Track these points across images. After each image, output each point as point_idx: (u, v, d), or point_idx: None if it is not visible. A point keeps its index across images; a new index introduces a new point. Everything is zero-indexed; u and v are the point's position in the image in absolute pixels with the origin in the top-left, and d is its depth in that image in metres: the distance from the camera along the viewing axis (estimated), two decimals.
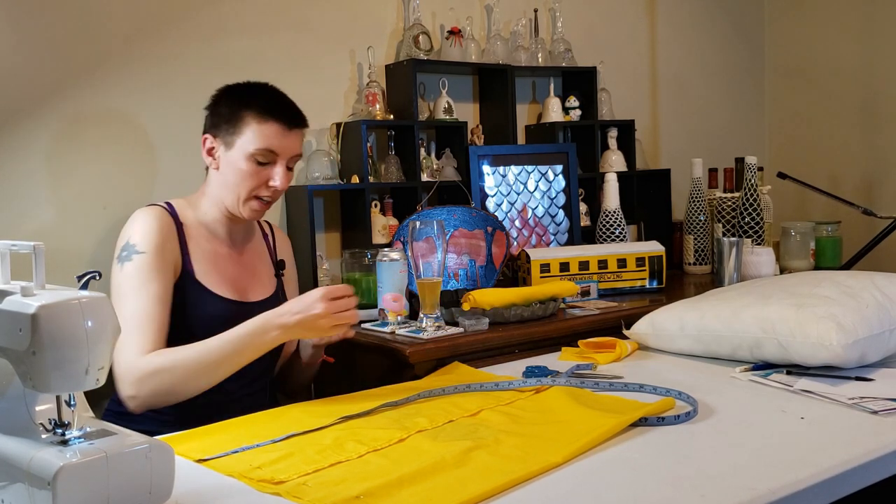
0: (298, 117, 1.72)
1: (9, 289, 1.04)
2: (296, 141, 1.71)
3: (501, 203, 2.67)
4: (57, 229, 2.06)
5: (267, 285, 1.82)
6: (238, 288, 1.75)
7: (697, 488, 1.06)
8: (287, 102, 1.71)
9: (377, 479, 1.10)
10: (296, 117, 1.71)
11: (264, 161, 1.68)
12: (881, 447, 1.18)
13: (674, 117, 3.38)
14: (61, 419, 1.03)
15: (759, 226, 2.73)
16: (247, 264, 1.80)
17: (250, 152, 1.66)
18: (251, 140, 1.66)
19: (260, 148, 1.66)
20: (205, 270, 1.70)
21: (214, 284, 1.70)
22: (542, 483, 1.09)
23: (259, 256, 1.85)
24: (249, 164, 1.67)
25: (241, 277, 1.77)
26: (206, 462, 1.22)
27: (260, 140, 1.66)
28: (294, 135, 1.70)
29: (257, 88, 1.73)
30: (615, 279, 2.44)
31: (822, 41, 3.46)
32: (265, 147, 1.66)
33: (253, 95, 1.70)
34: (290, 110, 1.70)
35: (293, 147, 1.71)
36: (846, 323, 1.50)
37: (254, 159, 1.67)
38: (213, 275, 1.71)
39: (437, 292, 1.89)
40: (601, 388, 1.50)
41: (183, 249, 1.69)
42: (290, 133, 1.69)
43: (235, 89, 1.73)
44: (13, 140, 2.02)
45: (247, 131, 1.66)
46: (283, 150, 1.69)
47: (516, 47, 2.78)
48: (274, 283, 1.85)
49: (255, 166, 1.67)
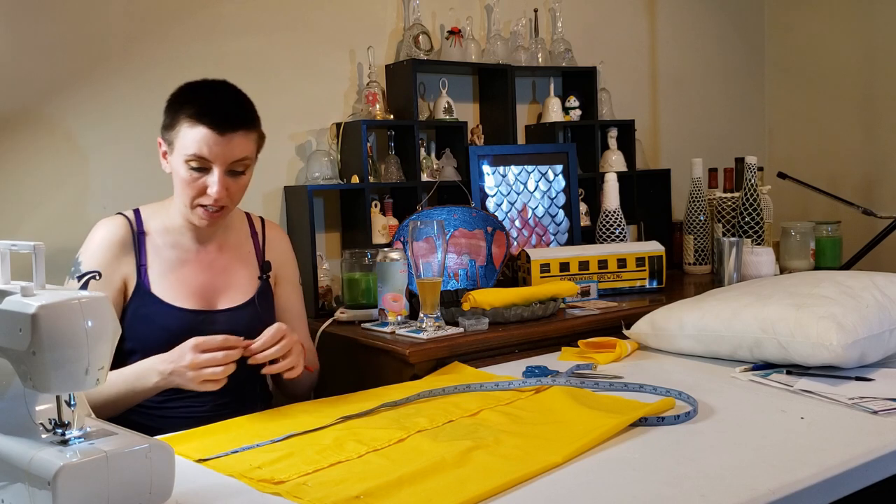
0: (234, 120, 1.56)
1: (9, 289, 1.04)
2: (233, 146, 1.56)
3: (501, 203, 2.67)
4: (57, 229, 2.06)
5: (244, 290, 1.72)
6: (205, 296, 1.67)
7: (697, 488, 1.06)
8: (222, 104, 1.57)
9: (377, 479, 1.10)
10: (230, 120, 1.55)
11: (198, 167, 1.57)
12: (881, 447, 1.19)
13: (674, 117, 3.38)
14: (61, 419, 1.03)
15: (759, 226, 2.73)
16: (220, 269, 1.71)
17: (183, 158, 1.56)
18: (183, 145, 1.56)
19: (190, 154, 1.55)
20: (163, 281, 1.64)
21: (173, 295, 1.63)
22: (542, 483, 1.09)
23: (240, 258, 1.75)
24: (186, 170, 1.57)
25: (211, 284, 1.69)
26: (206, 462, 1.22)
27: (190, 145, 1.55)
28: (229, 140, 1.55)
29: (197, 89, 1.60)
30: (615, 279, 2.44)
31: (822, 41, 3.46)
32: (195, 153, 1.55)
33: (189, 97, 1.58)
34: (224, 113, 1.56)
35: (229, 153, 1.56)
36: (846, 323, 1.50)
37: (188, 166, 1.57)
38: (174, 285, 1.64)
39: (437, 292, 1.89)
40: (601, 388, 1.50)
41: (139, 261, 1.64)
42: (224, 138, 1.55)
43: (179, 90, 1.62)
44: (13, 140, 2.02)
45: (181, 136, 1.56)
46: (216, 157, 1.55)
47: (516, 47, 2.78)
48: (255, 286, 1.74)
49: (192, 173, 1.57)
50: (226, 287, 1.70)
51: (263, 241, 1.80)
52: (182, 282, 1.65)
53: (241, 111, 1.60)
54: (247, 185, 1.65)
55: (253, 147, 1.62)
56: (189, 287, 1.66)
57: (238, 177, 1.61)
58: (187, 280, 1.66)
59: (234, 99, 1.61)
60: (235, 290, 1.71)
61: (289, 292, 1.82)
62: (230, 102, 1.59)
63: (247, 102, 1.63)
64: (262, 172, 2.37)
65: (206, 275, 1.69)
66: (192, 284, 1.66)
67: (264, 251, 1.79)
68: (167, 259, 1.66)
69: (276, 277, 1.80)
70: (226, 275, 1.71)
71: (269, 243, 1.81)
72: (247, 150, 1.60)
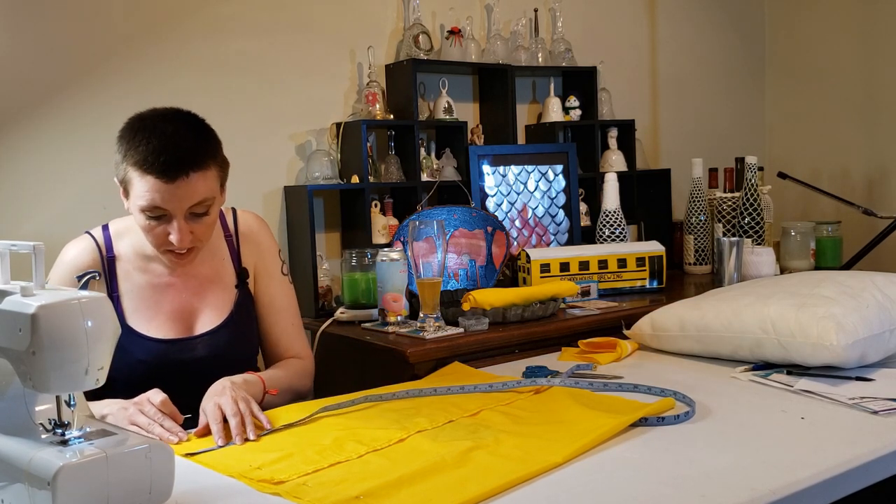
0: (184, 164, 1.43)
1: (9, 289, 1.04)
2: (188, 191, 1.44)
3: (501, 203, 2.67)
4: (57, 229, 2.06)
5: (221, 308, 1.62)
6: (181, 321, 1.59)
7: (697, 488, 1.06)
8: (168, 148, 1.42)
9: (377, 479, 1.10)
10: (180, 166, 1.43)
11: (155, 216, 1.47)
12: (881, 447, 1.18)
13: (674, 117, 3.38)
14: (61, 419, 1.03)
15: (759, 226, 2.73)
16: (195, 289, 1.62)
17: (139, 208, 1.46)
18: (136, 195, 1.45)
19: (143, 205, 1.45)
20: (135, 309, 1.56)
21: (147, 325, 1.56)
22: (542, 483, 1.09)
23: (216, 272, 1.65)
24: (144, 219, 1.48)
25: (186, 307, 1.60)
26: (192, 457, 1.23)
27: (141, 196, 1.44)
28: (181, 185, 1.43)
29: (142, 130, 1.46)
30: (615, 279, 2.44)
31: (822, 41, 3.46)
32: (148, 204, 1.44)
33: (133, 142, 1.45)
34: (171, 158, 1.42)
35: (185, 199, 1.45)
36: (846, 323, 1.50)
37: (145, 215, 1.47)
38: (147, 313, 1.56)
39: (437, 292, 1.89)
40: (595, 389, 1.50)
41: (111, 290, 1.56)
42: (175, 185, 1.42)
43: (124, 131, 1.49)
44: (13, 140, 2.02)
45: (132, 184, 1.46)
46: (170, 205, 1.44)
47: (516, 47, 2.77)
48: (233, 299, 1.64)
49: (150, 222, 1.47)
50: (202, 307, 1.62)
51: (237, 240, 1.69)
52: (156, 309, 1.57)
53: (191, 151, 1.45)
54: (214, 223, 1.55)
55: (212, 185, 1.49)
56: (164, 314, 1.58)
57: (202, 217, 1.50)
58: (161, 307, 1.58)
59: (184, 137, 1.46)
60: (212, 308, 1.62)
61: (269, 286, 1.71)
62: (178, 144, 1.44)
63: (200, 137, 1.49)
64: (262, 172, 2.38)
65: (181, 297, 1.60)
66: (166, 311, 1.58)
67: (240, 252, 1.69)
68: (139, 285, 1.58)
69: (255, 274, 1.70)
70: (201, 294, 1.62)
71: (244, 240, 1.70)
72: (205, 192, 1.47)
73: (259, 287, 1.71)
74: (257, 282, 1.71)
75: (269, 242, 1.74)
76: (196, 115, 1.54)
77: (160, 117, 1.49)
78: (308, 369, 1.73)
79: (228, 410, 1.33)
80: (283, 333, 1.72)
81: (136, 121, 1.50)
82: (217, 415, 1.33)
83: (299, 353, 1.73)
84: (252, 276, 1.70)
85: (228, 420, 1.32)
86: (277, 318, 1.71)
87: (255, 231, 1.72)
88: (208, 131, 1.53)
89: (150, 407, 1.34)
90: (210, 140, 1.52)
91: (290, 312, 1.74)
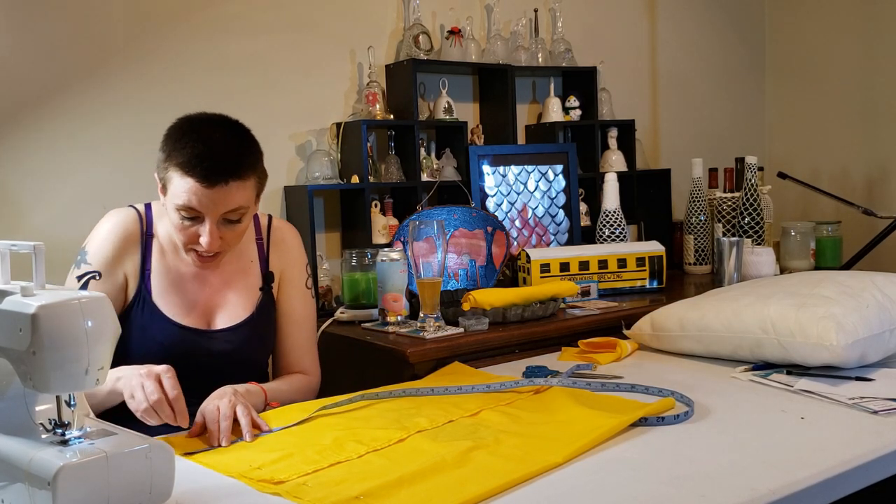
0: (225, 171, 1.46)
1: (9, 289, 1.04)
2: (225, 198, 1.48)
3: (501, 203, 2.67)
4: (57, 229, 2.06)
5: (243, 306, 1.64)
6: (203, 313, 1.61)
7: (697, 488, 1.06)
8: (213, 154, 1.46)
9: (377, 479, 1.10)
10: (221, 172, 1.46)
11: (189, 217, 1.50)
12: (881, 447, 1.18)
13: (674, 117, 3.38)
14: (61, 419, 1.03)
15: (759, 226, 2.73)
16: (220, 284, 1.64)
17: (174, 206, 1.50)
18: (174, 193, 1.49)
19: (179, 204, 1.48)
20: (164, 291, 1.59)
21: (172, 308, 1.58)
22: (542, 483, 1.09)
23: (242, 271, 1.67)
24: (177, 218, 1.51)
25: (210, 301, 1.63)
26: (192, 456, 1.23)
27: (179, 195, 1.47)
28: (220, 191, 1.46)
29: (190, 133, 1.49)
30: (615, 279, 2.44)
31: (822, 41, 3.46)
32: (184, 204, 1.48)
33: (180, 143, 1.48)
34: (215, 164, 1.46)
35: (221, 205, 1.48)
36: (846, 323, 1.50)
37: (180, 214, 1.50)
38: (173, 297, 1.59)
39: (437, 292, 1.89)
40: (594, 389, 1.50)
41: (144, 265, 1.59)
42: (213, 190, 1.46)
43: (172, 131, 1.53)
44: (13, 140, 2.02)
45: (172, 183, 1.49)
46: (206, 209, 1.48)
47: (516, 47, 2.78)
48: (256, 300, 1.66)
49: (183, 221, 1.50)
50: (224, 303, 1.64)
51: (268, 245, 1.71)
52: (182, 296, 1.60)
53: (234, 161, 1.48)
54: (244, 231, 1.58)
55: (249, 194, 1.53)
56: (188, 303, 1.60)
57: (233, 224, 1.53)
58: (187, 295, 1.61)
59: (229, 146, 1.49)
60: (234, 305, 1.64)
61: (291, 296, 1.72)
62: (223, 151, 1.48)
63: (243, 147, 1.53)
64: None
65: (206, 291, 1.63)
66: (191, 300, 1.61)
67: (268, 257, 1.70)
68: (169, 268, 1.61)
69: (279, 280, 1.72)
70: (225, 290, 1.65)
71: (274, 247, 1.71)
72: (241, 200, 1.50)
73: (281, 295, 1.72)
74: (280, 289, 1.72)
75: (298, 253, 1.75)
76: (243, 125, 1.57)
77: (208, 122, 1.53)
78: (312, 386, 1.73)
79: (223, 413, 1.33)
80: (296, 346, 1.72)
81: (184, 122, 1.53)
82: (216, 416, 1.34)
83: (307, 368, 1.73)
84: (277, 282, 1.71)
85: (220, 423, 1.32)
86: (292, 329, 1.72)
87: (287, 239, 1.74)
88: (253, 143, 1.56)
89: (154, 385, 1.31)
90: (254, 152, 1.55)
91: (306, 326, 1.74)
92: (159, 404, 1.28)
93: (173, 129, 1.53)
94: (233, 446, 1.28)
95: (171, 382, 1.31)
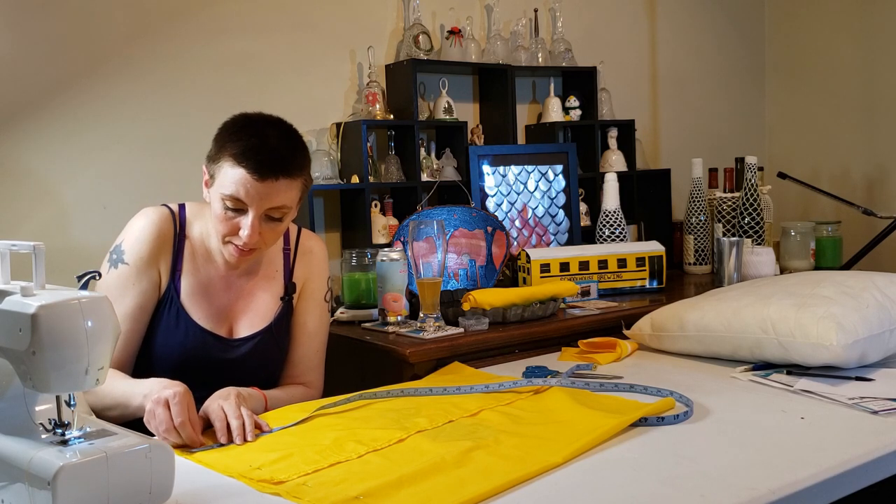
0: (276, 167, 1.50)
1: (9, 289, 1.04)
2: (271, 193, 1.50)
3: (501, 203, 2.67)
4: (57, 229, 2.06)
5: (264, 315, 1.66)
6: (227, 320, 1.63)
7: (697, 488, 1.06)
8: (267, 148, 1.50)
9: (377, 479, 1.10)
10: (272, 167, 1.49)
11: (234, 208, 1.52)
12: (881, 447, 1.19)
13: (674, 117, 3.38)
14: (61, 419, 1.03)
15: (759, 226, 2.73)
16: (244, 291, 1.66)
17: (220, 196, 1.52)
18: (222, 183, 1.51)
19: (226, 194, 1.50)
20: (192, 293, 1.60)
21: (198, 312, 1.60)
22: (542, 483, 1.09)
23: (267, 277, 1.68)
24: (221, 208, 1.53)
25: (235, 308, 1.64)
26: (192, 455, 1.24)
27: (228, 185, 1.50)
28: (268, 186, 1.49)
29: (246, 127, 1.53)
30: (615, 279, 2.44)
31: (822, 41, 3.46)
32: (231, 194, 1.50)
33: (235, 135, 1.52)
34: (268, 158, 1.49)
35: (266, 199, 1.51)
36: (846, 323, 1.50)
37: (224, 204, 1.52)
38: (200, 300, 1.61)
39: (437, 292, 1.89)
40: (594, 389, 1.50)
41: (176, 265, 1.60)
42: (262, 184, 1.49)
43: (228, 124, 1.56)
44: (13, 140, 2.02)
45: (222, 172, 1.51)
46: (252, 201, 1.50)
47: (516, 47, 2.78)
48: (275, 311, 1.67)
49: (227, 212, 1.52)
50: (245, 310, 1.65)
51: (294, 256, 1.72)
52: (209, 300, 1.62)
53: (286, 158, 1.52)
54: (282, 232, 1.60)
55: (294, 195, 1.56)
56: (214, 307, 1.62)
57: (274, 223, 1.56)
58: (213, 300, 1.62)
59: (282, 144, 1.53)
60: (255, 314, 1.65)
61: (308, 308, 1.72)
62: (277, 147, 1.51)
63: (296, 148, 1.56)
64: None
65: (231, 296, 1.65)
66: (216, 305, 1.62)
67: (293, 268, 1.72)
68: (199, 271, 1.62)
69: (300, 291, 1.72)
70: (249, 298, 1.66)
71: (301, 258, 1.73)
72: (286, 199, 1.53)
73: (299, 305, 1.72)
74: (299, 300, 1.73)
75: (321, 266, 1.76)
76: (297, 130, 1.59)
77: (265, 121, 1.57)
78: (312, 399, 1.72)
79: (231, 413, 1.34)
80: (304, 357, 1.72)
81: (241, 118, 1.57)
82: (221, 415, 1.35)
83: (311, 381, 1.73)
84: (298, 293, 1.72)
85: (230, 421, 1.33)
86: (303, 339, 1.72)
87: (314, 252, 1.75)
88: (305, 147, 1.60)
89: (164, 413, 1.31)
90: (305, 156, 1.59)
91: (317, 340, 1.74)
92: (167, 433, 1.30)
93: (229, 123, 1.57)
94: (233, 446, 1.28)
95: (177, 409, 1.31)
